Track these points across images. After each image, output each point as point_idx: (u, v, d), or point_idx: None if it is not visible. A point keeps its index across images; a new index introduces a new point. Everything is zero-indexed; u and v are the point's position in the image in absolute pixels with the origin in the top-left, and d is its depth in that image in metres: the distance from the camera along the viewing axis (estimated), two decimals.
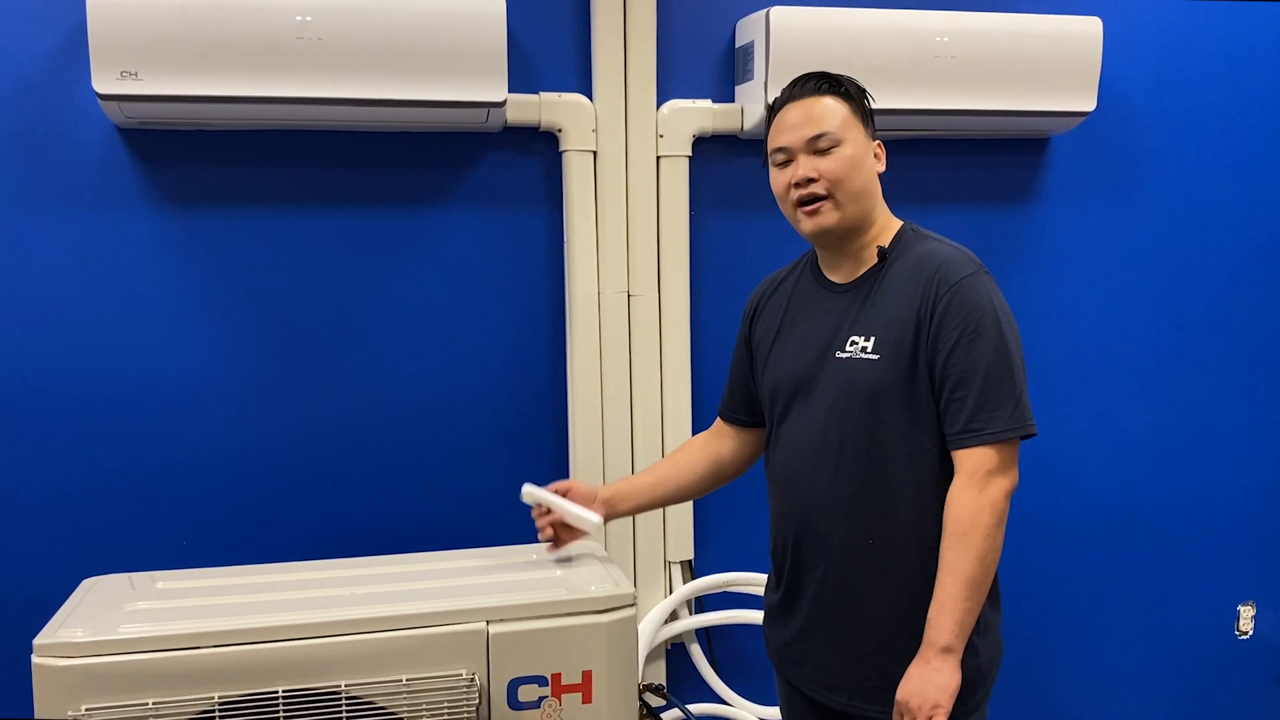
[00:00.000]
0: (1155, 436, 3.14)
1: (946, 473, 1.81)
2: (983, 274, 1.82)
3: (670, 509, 2.77)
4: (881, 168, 1.91)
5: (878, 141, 1.92)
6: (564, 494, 2.10)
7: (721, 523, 2.88)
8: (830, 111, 1.85)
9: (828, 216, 1.85)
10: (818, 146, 1.84)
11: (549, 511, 2.10)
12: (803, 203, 1.86)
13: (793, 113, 1.88)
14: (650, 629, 2.75)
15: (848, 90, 1.89)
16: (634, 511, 2.19)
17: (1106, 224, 3.05)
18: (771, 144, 1.91)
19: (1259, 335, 3.19)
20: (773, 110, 1.94)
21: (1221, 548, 3.23)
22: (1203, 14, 3.04)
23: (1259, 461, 3.22)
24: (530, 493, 2.09)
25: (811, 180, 1.84)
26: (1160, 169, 3.07)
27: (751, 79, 2.66)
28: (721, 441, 2.18)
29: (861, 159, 1.86)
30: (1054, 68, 2.73)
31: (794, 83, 1.91)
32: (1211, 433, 3.18)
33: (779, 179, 1.90)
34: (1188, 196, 3.10)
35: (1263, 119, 3.11)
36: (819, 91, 1.87)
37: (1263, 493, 3.24)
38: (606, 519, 2.10)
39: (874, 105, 1.94)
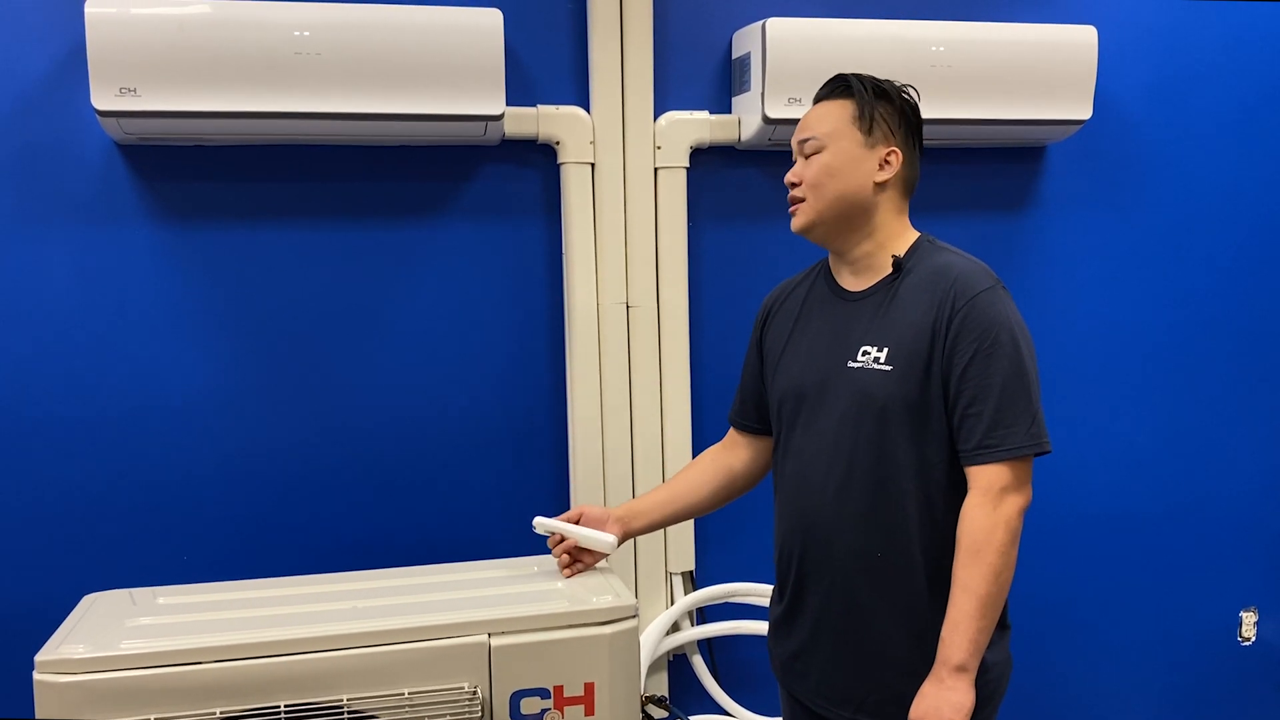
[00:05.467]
0: (1155, 443, 3.15)
1: (955, 487, 1.80)
2: (999, 289, 1.81)
3: None
4: (886, 175, 1.86)
5: (891, 149, 1.87)
6: (576, 520, 2.09)
7: (723, 533, 2.88)
8: (823, 117, 1.88)
9: (798, 219, 1.90)
10: (804, 150, 1.88)
11: (564, 539, 2.09)
12: (790, 202, 1.91)
13: (806, 114, 1.92)
14: (652, 640, 2.74)
15: (862, 94, 1.86)
16: (649, 529, 2.17)
17: (1103, 232, 3.06)
18: None
19: (1257, 341, 3.19)
20: None
21: (1223, 554, 3.23)
22: (1197, 22, 3.05)
23: (1259, 467, 3.22)
24: (542, 523, 2.09)
25: (794, 184, 1.89)
26: (1156, 176, 3.08)
27: (748, 90, 2.67)
28: (733, 453, 2.16)
29: (840, 167, 1.84)
30: (1050, 76, 2.74)
31: (822, 85, 1.94)
32: (1211, 439, 3.18)
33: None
34: (1184, 203, 3.10)
35: (1258, 126, 3.12)
36: (830, 95, 1.90)
37: (1263, 498, 3.24)
38: (622, 539, 2.09)
39: (910, 112, 1.90)
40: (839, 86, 1.89)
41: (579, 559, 2.10)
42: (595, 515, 2.09)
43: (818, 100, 1.92)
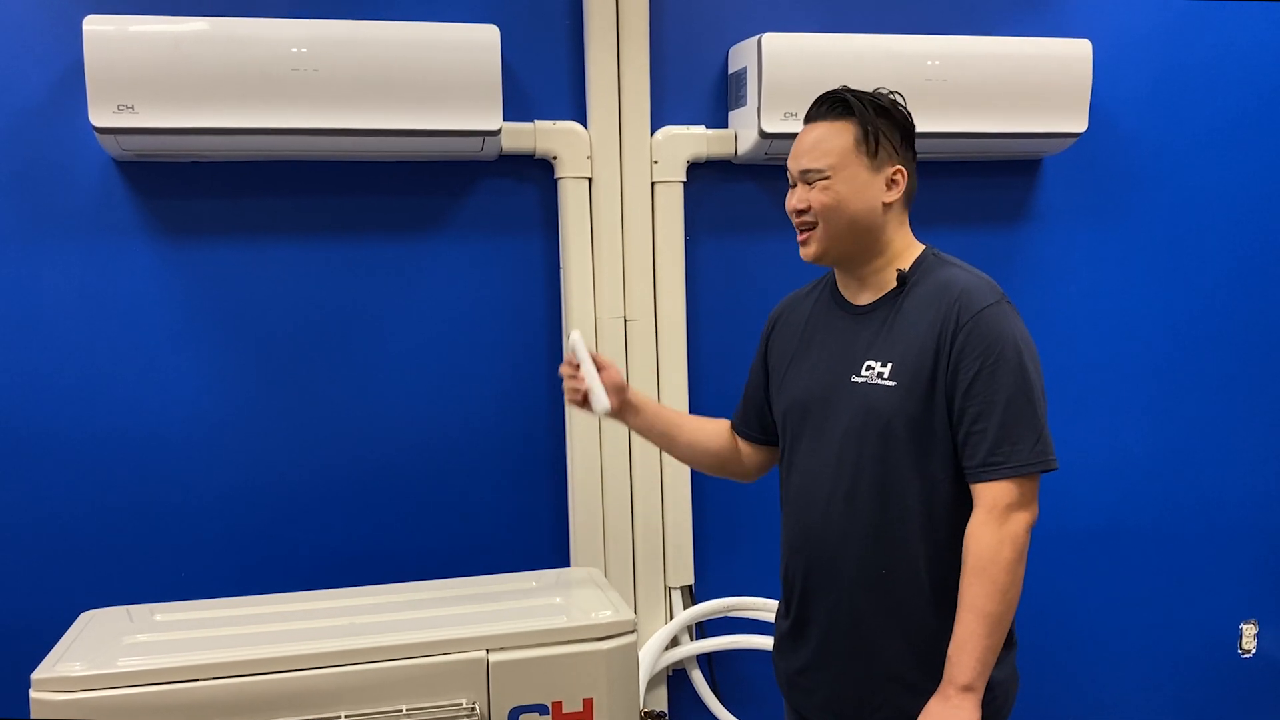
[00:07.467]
0: (1154, 455, 3.14)
1: (959, 503, 1.79)
2: (1005, 304, 1.80)
3: (669, 534, 2.76)
4: (895, 195, 1.85)
5: (897, 168, 1.86)
6: (601, 370, 2.03)
7: (722, 547, 2.87)
8: (825, 143, 1.82)
9: (811, 248, 1.86)
10: (806, 179, 1.84)
11: (579, 369, 2.03)
12: (799, 229, 1.87)
13: (802, 136, 1.87)
14: (651, 655, 2.73)
15: (864, 114, 1.83)
16: (639, 428, 2.12)
17: (1099, 244, 3.07)
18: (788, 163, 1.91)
19: (1255, 352, 3.19)
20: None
21: (1223, 566, 3.22)
22: (1192, 35, 3.06)
23: (1258, 478, 3.22)
24: (575, 343, 2.03)
25: (802, 211, 1.85)
26: (1152, 188, 3.08)
27: (744, 105, 2.68)
28: (739, 441, 2.16)
29: (851, 193, 1.82)
30: (1045, 90, 2.75)
31: (816, 101, 1.88)
32: (1210, 450, 3.18)
33: (788, 201, 1.90)
34: (1179, 215, 3.11)
35: (1252, 137, 3.13)
36: (829, 115, 1.84)
37: (1263, 509, 3.23)
38: (614, 416, 2.05)
39: (908, 124, 1.88)
40: (836, 106, 1.84)
41: (578, 393, 2.04)
42: (614, 380, 2.04)
43: (812, 119, 1.87)
